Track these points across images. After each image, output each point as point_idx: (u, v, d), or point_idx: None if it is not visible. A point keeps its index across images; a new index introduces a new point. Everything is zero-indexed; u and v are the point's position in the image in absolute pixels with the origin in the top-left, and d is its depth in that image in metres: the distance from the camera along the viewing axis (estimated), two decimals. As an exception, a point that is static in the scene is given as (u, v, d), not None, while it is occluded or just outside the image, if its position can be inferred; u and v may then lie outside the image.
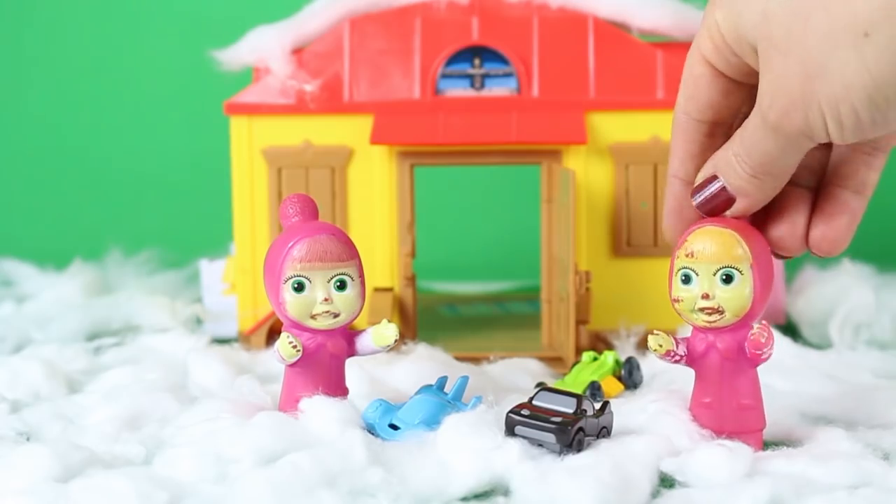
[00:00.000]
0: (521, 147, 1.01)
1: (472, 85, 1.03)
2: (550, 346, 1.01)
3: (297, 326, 0.76)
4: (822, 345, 1.02)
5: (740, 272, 0.71)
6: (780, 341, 0.96)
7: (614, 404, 0.78)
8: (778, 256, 0.73)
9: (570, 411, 0.73)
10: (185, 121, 1.49)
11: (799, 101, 0.63)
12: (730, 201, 0.70)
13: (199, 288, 1.12)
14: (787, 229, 0.71)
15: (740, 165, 0.69)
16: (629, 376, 0.90)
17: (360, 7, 1.05)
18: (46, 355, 0.94)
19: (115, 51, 1.52)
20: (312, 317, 0.76)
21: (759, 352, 0.72)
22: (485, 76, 1.03)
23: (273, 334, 1.00)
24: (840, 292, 1.05)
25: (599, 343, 1.00)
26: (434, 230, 1.24)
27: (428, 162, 1.02)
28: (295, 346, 0.75)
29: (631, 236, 1.03)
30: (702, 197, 0.71)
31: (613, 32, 1.03)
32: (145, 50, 1.51)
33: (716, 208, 0.71)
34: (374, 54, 1.03)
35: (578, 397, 0.74)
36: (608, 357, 0.91)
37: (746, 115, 0.69)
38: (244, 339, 1.03)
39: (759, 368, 0.78)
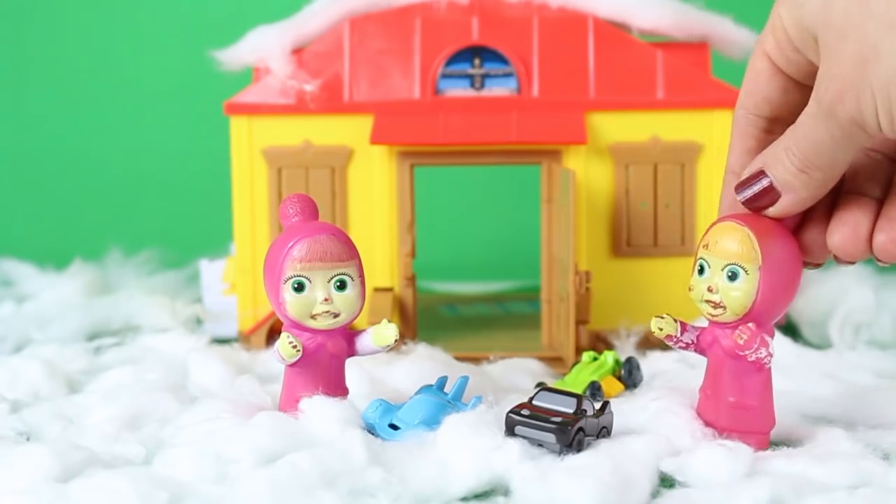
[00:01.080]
0: (521, 147, 1.01)
1: (472, 85, 1.03)
2: (550, 346, 1.01)
3: (297, 326, 0.76)
4: (822, 345, 1.02)
5: (746, 271, 0.71)
6: (780, 341, 0.96)
7: (614, 404, 0.78)
8: (840, 262, 0.72)
9: (570, 411, 0.73)
10: (185, 121, 1.49)
11: (851, 85, 0.63)
12: (775, 197, 0.70)
13: (199, 288, 1.12)
14: (851, 232, 0.70)
15: (789, 158, 0.68)
16: (629, 376, 0.90)
17: (360, 7, 1.05)
18: (46, 355, 0.94)
19: (115, 51, 1.52)
20: (312, 317, 0.76)
21: (741, 353, 0.72)
22: (485, 76, 1.03)
23: (273, 334, 1.00)
24: (840, 292, 1.05)
25: (599, 343, 1.00)
26: (434, 230, 1.24)
27: (428, 162, 1.02)
28: (295, 346, 0.75)
29: (631, 236, 1.03)
30: (749, 192, 0.71)
31: (613, 32, 1.03)
32: (145, 50, 1.51)
33: (761, 205, 0.70)
34: (374, 54, 1.03)
35: (578, 397, 0.74)
36: (608, 357, 0.91)
37: None
38: (244, 339, 1.03)
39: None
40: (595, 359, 0.91)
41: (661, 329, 0.74)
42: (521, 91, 1.02)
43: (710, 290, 0.72)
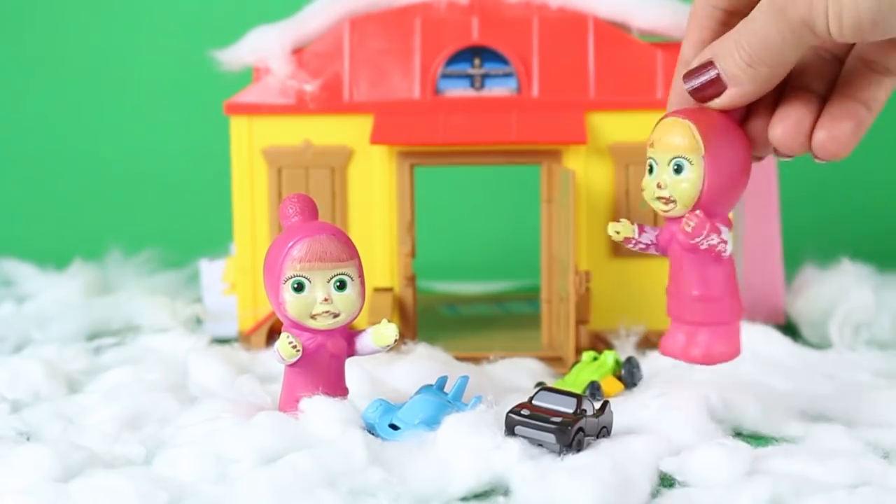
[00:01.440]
0: (521, 147, 1.01)
1: (472, 85, 1.03)
2: (550, 346, 1.01)
3: (297, 326, 0.76)
4: (822, 345, 1.02)
5: (690, 162, 0.72)
6: (780, 341, 0.96)
7: (614, 404, 0.78)
8: (779, 156, 0.73)
9: (570, 411, 0.73)
10: (185, 121, 1.49)
11: None
12: (721, 89, 0.70)
13: (199, 288, 1.12)
14: (793, 125, 0.71)
15: (738, 52, 0.69)
16: (629, 376, 0.90)
17: (360, 7, 1.05)
18: (46, 355, 0.94)
19: (115, 51, 1.52)
20: (312, 317, 0.76)
21: (691, 241, 0.72)
22: (485, 76, 1.03)
23: (273, 334, 1.00)
24: (840, 292, 1.05)
25: (599, 343, 1.00)
26: (434, 230, 1.24)
27: (428, 162, 1.02)
28: (295, 346, 0.75)
29: (631, 236, 1.03)
30: (696, 82, 0.71)
31: (613, 32, 1.03)
32: (145, 50, 1.51)
33: (706, 95, 0.71)
34: (374, 54, 1.03)
35: (578, 397, 0.74)
36: (608, 357, 0.91)
37: None
38: (244, 339, 1.03)
39: (760, 367, 0.78)
40: (595, 359, 0.91)
41: (617, 232, 0.75)
42: (521, 91, 1.02)
43: (659, 186, 0.72)
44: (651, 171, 0.73)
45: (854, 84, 0.71)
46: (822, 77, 0.72)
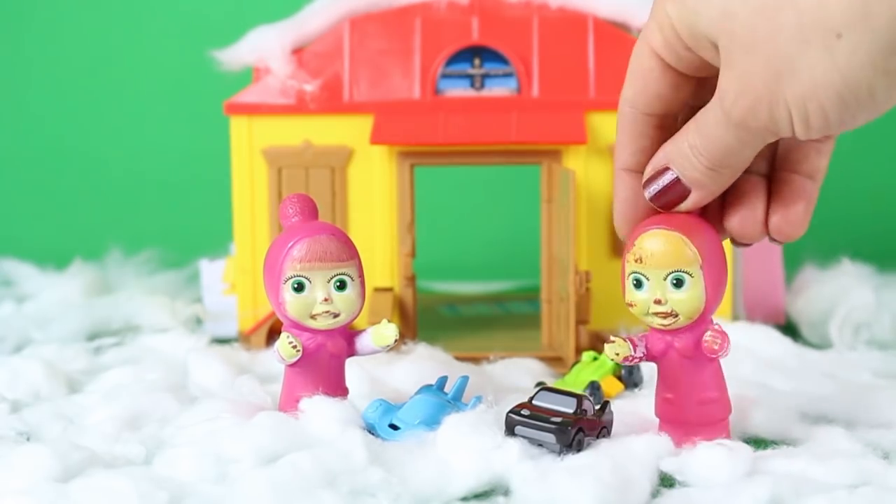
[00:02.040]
0: (521, 147, 1.01)
1: (472, 85, 1.03)
2: (550, 346, 1.01)
3: (297, 326, 0.76)
4: (822, 345, 1.02)
5: (690, 275, 0.70)
6: (780, 341, 0.96)
7: (614, 404, 0.78)
8: (737, 244, 0.73)
9: (570, 411, 0.73)
10: (185, 121, 1.49)
11: (765, 99, 0.63)
12: (684, 193, 0.69)
13: (199, 288, 1.12)
14: (747, 216, 0.71)
15: (696, 157, 0.68)
16: (629, 376, 0.90)
17: (360, 7, 1.05)
18: (46, 355, 0.94)
19: (115, 51, 1.52)
20: (312, 317, 0.76)
21: (715, 356, 0.72)
22: (485, 76, 1.03)
23: (273, 334, 1.00)
24: (840, 292, 1.05)
25: (599, 343, 1.00)
26: (434, 230, 1.23)
27: (428, 162, 1.02)
28: (295, 346, 0.75)
29: (631, 236, 1.03)
30: (655, 189, 0.70)
31: (613, 32, 1.03)
32: (145, 50, 1.51)
33: (669, 201, 0.70)
34: (374, 54, 1.03)
35: (578, 397, 0.74)
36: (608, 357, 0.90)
37: (694, 108, 0.69)
38: (244, 339, 1.03)
39: (759, 368, 0.78)
40: (595, 359, 0.91)
41: (617, 354, 0.72)
42: (521, 91, 1.02)
43: (657, 302, 0.71)
44: (639, 285, 0.71)
45: (795, 158, 0.71)
46: (762, 156, 0.71)
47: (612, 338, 0.73)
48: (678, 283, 0.70)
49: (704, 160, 0.68)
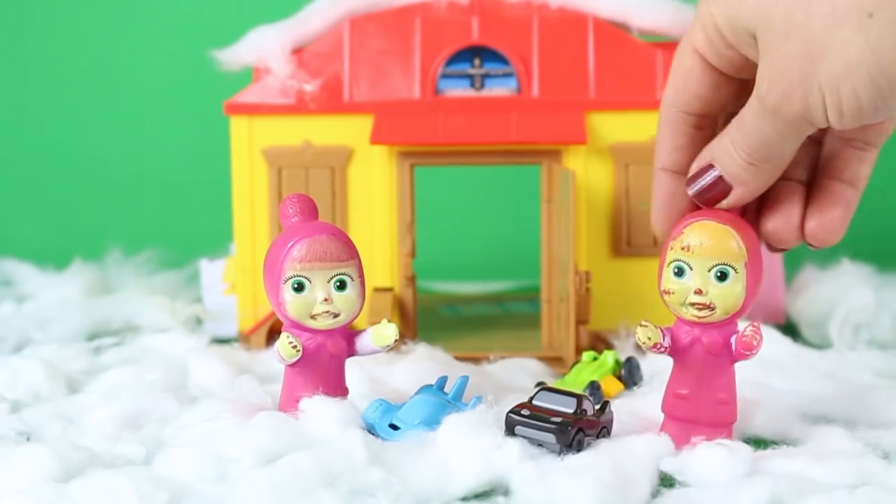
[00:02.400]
0: (521, 147, 1.01)
1: (472, 85, 1.03)
2: (550, 346, 1.01)
3: (297, 326, 0.76)
4: (822, 345, 1.02)
5: (735, 270, 0.70)
6: (781, 341, 0.96)
7: (614, 404, 0.78)
8: (772, 249, 0.73)
9: (570, 411, 0.73)
10: (185, 121, 1.49)
11: (798, 84, 0.63)
12: (726, 190, 0.70)
13: (199, 288, 1.12)
14: (783, 221, 0.71)
15: (737, 153, 0.68)
16: (629, 376, 0.90)
17: (360, 7, 1.05)
18: (46, 355, 0.94)
19: (115, 51, 1.52)
20: (312, 317, 0.76)
21: (748, 353, 0.72)
22: (485, 76, 1.03)
23: (273, 334, 1.00)
24: (840, 292, 1.05)
25: (599, 343, 1.00)
26: (434, 230, 1.23)
27: (428, 162, 1.02)
28: (295, 346, 0.75)
29: (631, 236, 1.03)
30: (698, 186, 0.71)
31: (613, 32, 1.03)
32: (145, 50, 1.51)
33: (712, 198, 0.71)
34: (374, 54, 1.03)
35: (578, 397, 0.74)
36: (608, 357, 0.91)
37: (734, 112, 0.69)
38: (244, 339, 1.03)
39: (759, 368, 0.78)
40: (595, 359, 0.91)
41: (649, 339, 0.72)
42: (521, 91, 1.02)
43: (697, 292, 0.71)
44: (681, 273, 0.71)
45: (836, 165, 0.71)
46: (801, 163, 0.71)
47: (644, 322, 0.72)
48: (722, 276, 0.70)
49: (745, 154, 0.68)
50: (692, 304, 0.71)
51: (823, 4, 0.62)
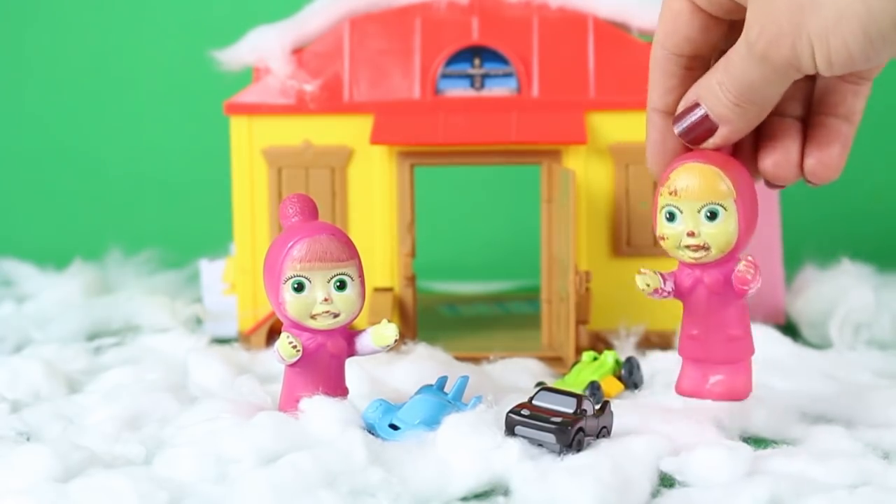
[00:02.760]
0: (521, 147, 1.01)
1: (472, 85, 1.03)
2: (550, 346, 1.01)
3: (297, 326, 0.76)
4: (822, 345, 1.02)
5: (724, 208, 0.71)
6: (781, 341, 0.96)
7: (614, 404, 0.78)
8: (771, 186, 0.73)
9: (570, 411, 0.73)
10: (185, 121, 1.49)
11: (787, 32, 0.63)
12: (712, 129, 0.70)
13: (199, 288, 1.12)
14: (781, 158, 0.71)
15: (724, 93, 0.68)
16: (629, 376, 0.90)
17: (360, 7, 1.05)
18: (46, 355, 0.94)
19: (115, 51, 1.52)
20: (312, 317, 0.76)
21: (746, 287, 0.72)
22: (485, 76, 1.03)
23: (273, 334, 1.00)
24: (840, 292, 1.04)
25: (599, 343, 1.00)
26: (434, 230, 1.24)
27: (428, 162, 1.02)
28: (295, 346, 0.75)
29: (631, 236, 1.03)
30: (684, 125, 0.71)
31: (613, 32, 1.03)
32: (145, 50, 1.51)
33: (698, 136, 0.71)
34: (374, 54, 1.03)
35: (578, 397, 0.74)
36: (608, 357, 0.91)
37: (725, 51, 0.69)
38: (244, 339, 1.03)
39: (758, 368, 0.78)
40: (595, 359, 0.91)
41: (648, 285, 0.73)
42: (521, 91, 1.02)
43: (690, 234, 0.71)
44: (672, 218, 0.72)
45: (831, 101, 0.71)
46: (796, 98, 0.71)
47: (642, 270, 0.73)
48: (712, 216, 0.71)
49: (731, 96, 0.68)
50: (687, 247, 0.72)
51: None
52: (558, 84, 1.02)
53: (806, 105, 0.72)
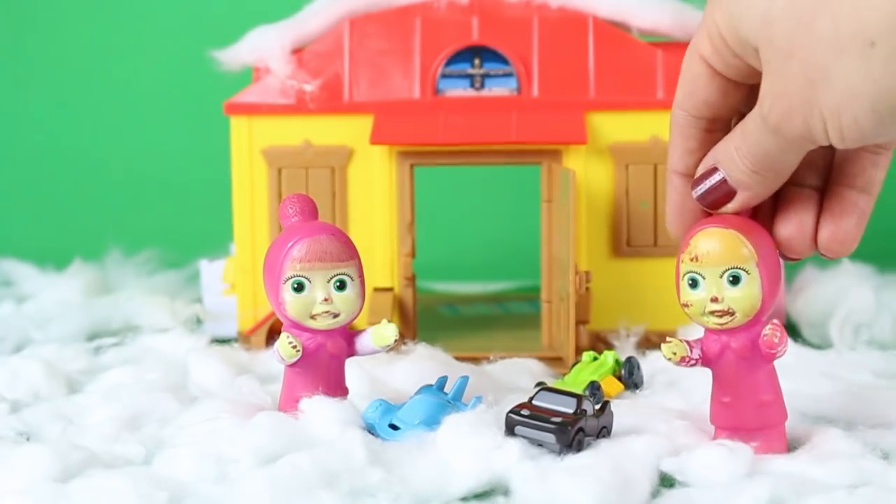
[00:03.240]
0: (521, 147, 1.01)
1: (472, 85, 1.03)
2: (550, 346, 1.01)
3: (297, 326, 0.76)
4: (822, 345, 1.01)
5: (747, 272, 0.70)
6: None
7: (614, 404, 0.78)
8: (786, 258, 0.73)
9: (570, 411, 0.73)
10: (185, 121, 1.49)
11: (799, 106, 0.63)
12: (730, 194, 0.70)
13: (199, 288, 1.12)
14: (796, 230, 0.71)
15: (741, 160, 0.68)
16: (629, 376, 0.90)
17: (360, 7, 1.05)
18: (46, 355, 0.94)
19: (115, 51, 1.52)
20: (312, 317, 0.76)
21: (774, 351, 0.71)
22: (485, 76, 1.03)
23: (273, 334, 1.00)
24: (840, 292, 1.04)
25: (599, 343, 1.00)
26: (434, 230, 1.24)
27: (428, 162, 1.02)
28: (295, 346, 0.75)
29: (631, 236, 1.03)
30: (702, 189, 0.71)
31: (613, 32, 1.03)
32: (145, 50, 1.51)
33: (716, 201, 0.70)
34: (374, 54, 1.03)
35: (578, 397, 0.74)
36: (608, 357, 0.91)
37: (744, 113, 0.69)
38: (244, 339, 1.03)
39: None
40: (595, 359, 0.91)
41: (675, 354, 0.72)
42: (521, 91, 1.02)
43: (713, 300, 0.71)
44: (695, 285, 0.71)
45: (849, 171, 0.71)
46: (813, 168, 0.71)
47: (668, 339, 0.72)
48: (735, 280, 0.70)
49: (748, 163, 0.68)
50: (711, 313, 0.71)
51: (825, 29, 0.61)
52: (558, 84, 1.02)
53: (824, 175, 0.72)
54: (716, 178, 0.70)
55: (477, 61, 1.03)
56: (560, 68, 1.02)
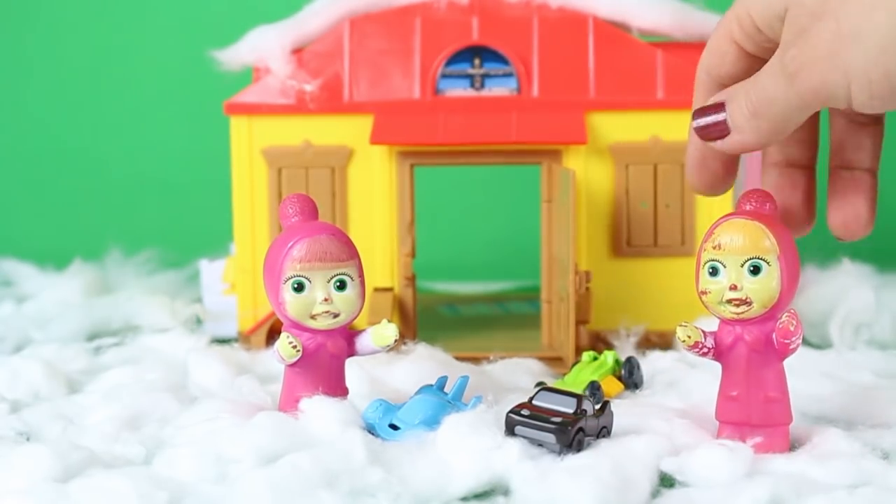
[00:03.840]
0: (521, 147, 1.01)
1: (472, 85, 1.03)
2: (550, 346, 1.01)
3: (297, 326, 0.76)
4: (822, 345, 1.01)
5: (767, 263, 0.71)
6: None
7: (614, 404, 0.78)
8: (840, 239, 0.73)
9: (570, 411, 0.73)
10: (185, 121, 1.49)
11: (821, 59, 0.64)
12: (724, 133, 0.70)
13: (199, 288, 1.12)
14: (851, 216, 0.72)
15: (746, 100, 0.69)
16: (629, 376, 0.90)
17: (360, 7, 1.05)
18: (46, 355, 0.94)
19: (115, 51, 1.52)
20: (312, 317, 0.76)
21: (788, 341, 0.72)
22: (485, 76, 1.03)
23: (273, 334, 1.00)
24: (840, 292, 1.04)
25: (599, 343, 1.00)
26: (434, 230, 1.24)
27: (428, 162, 1.02)
28: (295, 346, 0.75)
29: (631, 236, 1.03)
30: (703, 121, 0.71)
31: (613, 32, 1.03)
32: (145, 50, 1.51)
33: (710, 136, 0.71)
34: (374, 54, 1.03)
35: (578, 397, 0.74)
36: (608, 357, 0.91)
37: None
38: (244, 339, 1.03)
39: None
40: (595, 359, 0.91)
41: (689, 337, 0.73)
42: (521, 91, 1.02)
43: (732, 288, 0.71)
44: (715, 273, 0.72)
45: (852, 152, 0.72)
46: (863, 147, 0.72)
47: (684, 322, 0.73)
48: (755, 270, 0.71)
49: (751, 104, 0.68)
50: (729, 301, 0.72)
51: None
52: (558, 84, 1.02)
53: (875, 154, 0.73)
54: (718, 115, 0.70)
55: (477, 61, 1.03)
56: (560, 68, 1.02)
